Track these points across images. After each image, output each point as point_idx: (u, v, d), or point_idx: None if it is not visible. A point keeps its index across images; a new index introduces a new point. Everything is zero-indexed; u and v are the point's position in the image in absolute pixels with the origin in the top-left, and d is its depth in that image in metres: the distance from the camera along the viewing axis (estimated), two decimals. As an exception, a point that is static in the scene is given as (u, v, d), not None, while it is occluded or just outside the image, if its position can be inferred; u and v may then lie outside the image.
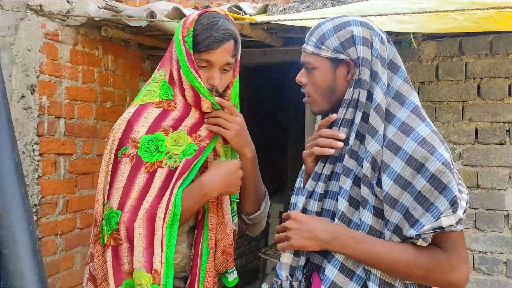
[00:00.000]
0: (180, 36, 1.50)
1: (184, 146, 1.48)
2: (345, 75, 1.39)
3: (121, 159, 1.46)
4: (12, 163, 0.86)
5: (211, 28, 1.48)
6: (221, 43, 1.48)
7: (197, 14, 1.51)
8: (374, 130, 1.33)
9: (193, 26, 1.48)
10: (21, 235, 0.85)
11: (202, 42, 1.47)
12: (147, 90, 1.57)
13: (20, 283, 0.84)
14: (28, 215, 0.87)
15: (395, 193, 1.29)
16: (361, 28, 1.38)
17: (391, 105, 1.35)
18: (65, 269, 3.06)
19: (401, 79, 1.37)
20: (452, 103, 2.93)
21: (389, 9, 2.43)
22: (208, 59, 1.48)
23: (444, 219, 1.25)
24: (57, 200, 2.99)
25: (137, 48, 3.67)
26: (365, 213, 1.33)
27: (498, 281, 2.81)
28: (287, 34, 3.08)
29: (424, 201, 1.27)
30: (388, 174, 1.30)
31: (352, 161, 1.37)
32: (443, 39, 2.94)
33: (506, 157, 2.80)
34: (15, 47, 2.69)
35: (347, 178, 1.36)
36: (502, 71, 2.82)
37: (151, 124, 1.48)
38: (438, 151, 1.28)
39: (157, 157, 1.45)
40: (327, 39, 1.39)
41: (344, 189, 1.36)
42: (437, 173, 1.26)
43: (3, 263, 0.83)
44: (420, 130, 1.31)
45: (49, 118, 2.90)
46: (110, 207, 1.43)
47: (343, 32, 1.38)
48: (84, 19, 3.06)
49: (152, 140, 1.46)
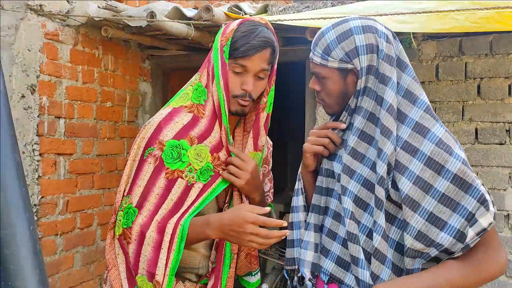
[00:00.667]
0: (218, 44, 1.54)
1: (203, 163, 1.52)
2: (354, 82, 1.40)
3: (147, 158, 1.51)
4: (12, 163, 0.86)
5: (249, 36, 1.51)
6: (258, 50, 1.50)
7: (237, 24, 1.54)
8: (388, 131, 1.31)
9: (232, 35, 1.51)
10: (22, 235, 0.85)
11: (239, 49, 1.50)
12: (183, 93, 1.61)
13: (20, 283, 0.84)
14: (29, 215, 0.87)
15: (416, 195, 1.28)
16: (363, 35, 1.36)
17: (402, 104, 1.35)
18: (65, 269, 3.06)
19: (410, 77, 1.37)
20: (452, 103, 2.93)
21: (389, 9, 2.43)
22: (244, 64, 1.50)
23: (483, 220, 1.25)
24: (57, 200, 2.99)
25: (137, 48, 3.67)
26: (381, 215, 1.31)
27: (498, 281, 2.81)
28: (287, 34, 3.08)
29: (450, 202, 1.26)
30: (406, 176, 1.29)
31: (356, 162, 1.37)
32: (443, 39, 2.94)
33: (506, 157, 2.80)
34: (15, 47, 2.69)
35: (350, 179, 1.37)
36: (502, 71, 2.82)
37: (179, 130, 1.52)
38: (455, 151, 1.28)
39: (178, 165, 1.49)
40: (332, 50, 1.38)
41: (349, 190, 1.37)
42: (460, 173, 1.26)
43: (3, 263, 0.83)
44: (436, 131, 1.31)
45: (49, 118, 2.90)
46: (130, 202, 1.49)
47: (347, 42, 1.36)
48: (84, 19, 3.06)
49: (176, 147, 1.50)
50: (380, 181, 1.31)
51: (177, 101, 1.59)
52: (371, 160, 1.36)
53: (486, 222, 1.25)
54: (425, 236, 1.27)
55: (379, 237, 1.30)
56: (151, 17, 2.81)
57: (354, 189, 1.36)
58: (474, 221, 1.25)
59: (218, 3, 3.89)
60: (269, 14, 3.03)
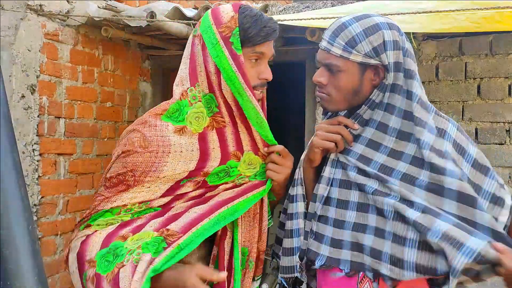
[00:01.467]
0: (218, 37, 1.38)
1: (257, 168, 1.48)
2: (372, 78, 1.37)
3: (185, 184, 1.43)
4: (12, 163, 0.86)
5: (261, 19, 1.39)
6: (276, 32, 1.42)
7: (234, 11, 1.40)
8: (422, 122, 1.32)
9: (237, 24, 1.37)
10: (21, 235, 0.85)
11: (258, 34, 1.37)
12: (195, 112, 1.43)
13: (20, 283, 0.84)
14: (28, 215, 0.87)
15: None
16: (390, 31, 1.35)
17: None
18: (65, 269, 3.06)
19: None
20: (452, 103, 2.93)
21: (389, 9, 2.43)
22: (262, 51, 1.40)
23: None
24: (57, 200, 2.99)
25: (137, 48, 3.66)
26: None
27: (498, 281, 2.81)
28: (287, 34, 3.08)
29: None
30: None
31: (394, 160, 1.34)
32: (443, 39, 2.93)
33: (506, 157, 2.80)
34: (15, 47, 2.69)
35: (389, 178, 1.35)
36: (502, 71, 2.82)
37: (221, 156, 1.43)
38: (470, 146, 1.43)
39: (226, 179, 1.45)
40: (358, 43, 1.33)
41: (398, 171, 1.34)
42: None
43: (3, 263, 0.83)
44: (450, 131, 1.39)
45: (49, 118, 2.90)
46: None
47: (375, 37, 1.33)
48: (84, 19, 3.06)
49: (224, 170, 1.44)
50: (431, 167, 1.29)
51: (197, 125, 1.42)
52: (409, 155, 1.34)
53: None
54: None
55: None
56: (151, 17, 2.81)
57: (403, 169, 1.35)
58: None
59: (218, 3, 3.89)
60: (269, 14, 3.04)
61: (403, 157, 1.34)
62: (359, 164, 1.37)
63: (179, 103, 1.43)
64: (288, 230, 1.48)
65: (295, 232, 1.47)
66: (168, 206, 1.42)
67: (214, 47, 1.38)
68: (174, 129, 1.40)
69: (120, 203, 1.39)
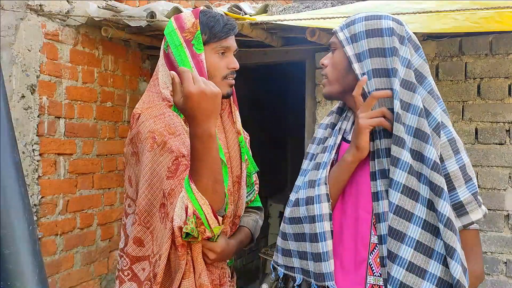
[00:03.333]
0: (181, 40, 1.59)
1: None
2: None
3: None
4: (12, 163, 0.86)
5: (221, 19, 1.62)
6: (235, 28, 1.64)
7: (194, 17, 1.61)
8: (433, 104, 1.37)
9: (198, 28, 1.59)
10: (21, 235, 0.85)
11: (221, 30, 1.59)
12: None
13: (20, 283, 0.84)
14: (28, 215, 0.87)
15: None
16: (391, 21, 1.43)
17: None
18: (65, 269, 3.06)
19: (422, 58, 1.47)
20: (452, 103, 2.93)
21: (389, 9, 2.43)
22: (227, 45, 1.61)
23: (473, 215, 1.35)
24: (57, 200, 2.99)
25: (137, 48, 3.67)
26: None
27: (498, 281, 2.81)
28: (287, 34, 3.08)
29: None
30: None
31: (402, 127, 1.33)
32: (443, 39, 2.93)
33: (506, 157, 2.80)
34: (15, 47, 2.69)
35: (403, 149, 1.32)
36: (502, 71, 2.82)
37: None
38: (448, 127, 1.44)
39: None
40: (357, 41, 1.41)
41: (403, 160, 1.31)
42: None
43: (3, 263, 0.83)
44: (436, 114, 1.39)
45: (49, 118, 2.90)
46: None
47: (374, 40, 1.39)
48: (84, 19, 3.06)
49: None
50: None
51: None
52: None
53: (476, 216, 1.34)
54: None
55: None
56: (151, 17, 2.81)
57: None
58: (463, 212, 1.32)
59: (218, 3, 3.89)
60: (269, 14, 3.04)
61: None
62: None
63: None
64: (313, 233, 1.42)
65: (321, 236, 1.40)
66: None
67: (176, 48, 1.60)
68: (184, 121, 1.57)
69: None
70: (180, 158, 1.47)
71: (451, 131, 1.37)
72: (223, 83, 1.61)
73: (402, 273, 1.27)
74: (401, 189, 1.30)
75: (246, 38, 2.96)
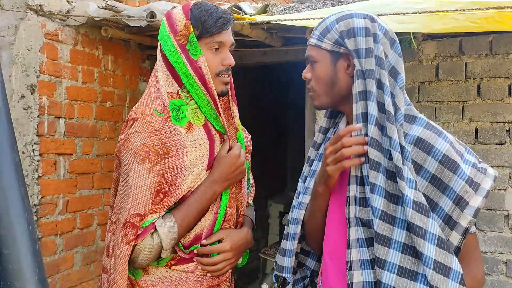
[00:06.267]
0: (176, 44, 1.54)
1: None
2: (345, 68, 1.39)
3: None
4: (12, 163, 0.86)
5: (216, 11, 1.53)
6: (230, 22, 1.54)
7: (185, 18, 1.53)
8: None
9: (191, 31, 1.51)
10: (21, 235, 0.85)
11: (214, 25, 1.50)
12: (193, 109, 1.59)
13: (20, 283, 0.84)
14: (28, 215, 0.87)
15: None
16: (363, 19, 1.36)
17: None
18: (65, 269, 3.06)
19: (396, 53, 1.38)
20: (452, 103, 2.92)
21: (389, 9, 2.43)
22: (221, 40, 1.53)
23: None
24: (57, 200, 2.99)
25: (137, 48, 3.66)
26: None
27: (498, 281, 2.81)
28: (287, 34, 3.08)
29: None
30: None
31: (377, 153, 1.29)
32: (443, 39, 2.93)
33: (506, 157, 2.80)
34: (15, 47, 2.69)
35: (378, 173, 1.28)
36: (502, 71, 2.82)
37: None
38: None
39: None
40: (329, 31, 1.38)
41: (378, 185, 1.27)
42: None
43: (3, 263, 0.83)
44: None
45: (49, 118, 2.90)
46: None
47: (344, 23, 1.37)
48: (84, 19, 3.05)
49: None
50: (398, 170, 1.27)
51: (197, 119, 1.58)
52: (387, 150, 1.30)
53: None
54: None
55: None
56: (151, 17, 2.81)
57: (382, 183, 1.31)
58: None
59: (218, 3, 3.89)
60: (269, 14, 3.04)
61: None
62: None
63: (174, 102, 1.53)
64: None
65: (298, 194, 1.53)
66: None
67: (172, 54, 1.54)
68: (185, 129, 1.52)
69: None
70: (163, 185, 1.48)
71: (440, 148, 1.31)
72: (217, 81, 1.54)
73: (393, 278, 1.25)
74: (383, 193, 1.28)
75: (246, 38, 2.96)
